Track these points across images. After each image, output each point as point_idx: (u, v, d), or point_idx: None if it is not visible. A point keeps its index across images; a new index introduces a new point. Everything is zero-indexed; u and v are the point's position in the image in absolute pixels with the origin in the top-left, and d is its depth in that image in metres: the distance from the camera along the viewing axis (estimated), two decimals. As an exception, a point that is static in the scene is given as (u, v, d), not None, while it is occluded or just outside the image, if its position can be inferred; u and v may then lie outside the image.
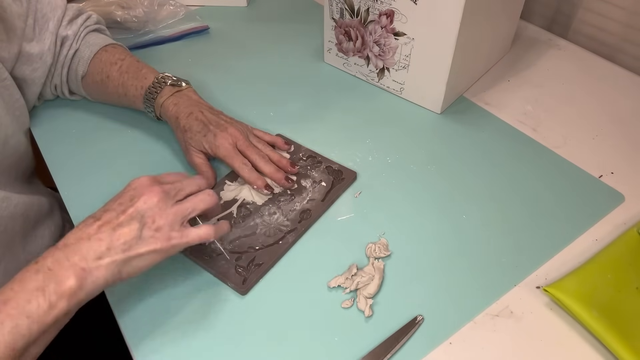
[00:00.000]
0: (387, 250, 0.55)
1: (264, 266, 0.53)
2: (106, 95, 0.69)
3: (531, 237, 0.56)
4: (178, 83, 0.65)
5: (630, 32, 0.78)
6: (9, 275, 0.58)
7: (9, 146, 0.60)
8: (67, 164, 0.66)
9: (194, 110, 0.61)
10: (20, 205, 0.60)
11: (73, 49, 0.67)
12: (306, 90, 0.76)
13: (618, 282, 0.51)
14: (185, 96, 0.64)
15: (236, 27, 0.89)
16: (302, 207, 0.59)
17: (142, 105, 0.65)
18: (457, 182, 0.62)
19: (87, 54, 0.68)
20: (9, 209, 0.58)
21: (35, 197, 0.65)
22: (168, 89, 0.64)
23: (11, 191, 0.59)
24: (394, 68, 0.71)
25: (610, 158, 0.65)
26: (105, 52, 0.68)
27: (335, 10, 0.72)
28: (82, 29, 0.68)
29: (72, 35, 0.67)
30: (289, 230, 0.56)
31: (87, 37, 0.69)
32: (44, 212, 0.67)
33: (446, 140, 0.68)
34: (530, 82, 0.77)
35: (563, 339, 0.48)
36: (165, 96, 0.63)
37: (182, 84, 0.65)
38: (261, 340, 0.48)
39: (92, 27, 0.70)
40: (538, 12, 0.89)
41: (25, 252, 0.63)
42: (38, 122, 0.71)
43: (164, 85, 0.64)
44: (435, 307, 0.50)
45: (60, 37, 0.66)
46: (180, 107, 0.62)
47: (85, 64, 0.68)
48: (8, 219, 0.58)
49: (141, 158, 0.66)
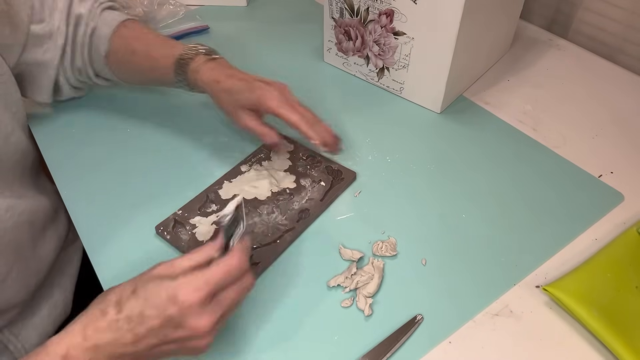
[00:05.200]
0: (395, 250, 0.55)
1: (261, 265, 0.53)
2: (133, 72, 0.67)
3: (531, 236, 0.56)
4: (211, 52, 0.62)
5: (630, 32, 0.78)
6: (19, 283, 0.58)
7: (10, 143, 0.58)
8: (67, 164, 0.66)
9: (234, 72, 0.59)
10: (25, 214, 0.58)
11: (90, 27, 0.65)
12: (306, 90, 0.76)
13: (618, 282, 0.51)
14: (221, 64, 0.61)
15: (236, 27, 0.89)
16: (300, 206, 0.59)
17: (173, 75, 0.62)
18: (457, 182, 0.62)
19: (107, 32, 0.65)
20: (14, 218, 0.56)
21: (41, 200, 0.63)
22: (202, 57, 0.61)
23: (16, 196, 0.58)
24: (394, 67, 0.71)
25: (610, 158, 0.65)
26: (125, 27, 0.66)
27: (335, 9, 0.73)
28: (97, 6, 0.66)
29: (86, 13, 0.64)
30: (287, 229, 0.56)
31: (102, 14, 0.66)
32: (49, 215, 0.65)
33: (446, 139, 0.68)
34: (530, 81, 0.77)
35: (562, 338, 0.48)
36: (199, 63, 0.61)
37: (216, 54, 0.63)
38: (261, 340, 0.48)
39: (106, 3, 0.67)
40: (538, 12, 0.89)
41: (36, 258, 0.61)
42: (38, 122, 0.71)
43: (199, 53, 0.61)
44: (434, 306, 0.50)
45: (74, 15, 0.64)
46: (217, 71, 0.60)
47: (106, 42, 0.65)
48: (13, 228, 0.56)
49: (142, 158, 0.66)
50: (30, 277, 0.60)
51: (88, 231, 0.58)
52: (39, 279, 0.62)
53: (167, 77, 0.63)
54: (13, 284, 0.57)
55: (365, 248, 0.55)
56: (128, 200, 0.61)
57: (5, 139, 0.57)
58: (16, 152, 0.60)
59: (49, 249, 0.64)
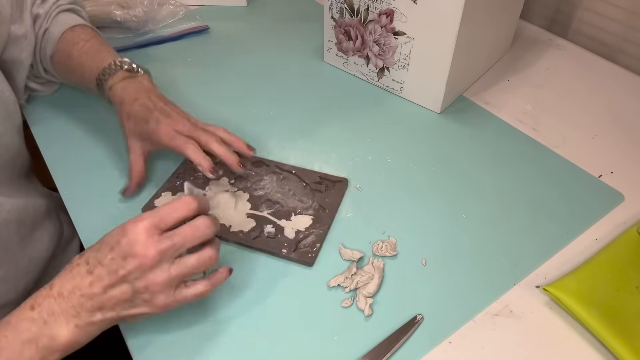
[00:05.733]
0: (395, 250, 0.55)
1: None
2: (68, 75, 0.68)
3: (531, 236, 0.56)
4: (135, 69, 0.61)
5: (630, 32, 0.78)
6: (10, 282, 0.58)
7: (1, 144, 0.58)
8: (66, 164, 0.65)
9: (140, 96, 0.58)
10: (13, 211, 0.58)
11: (43, 27, 0.66)
12: (306, 90, 0.76)
13: (618, 282, 0.51)
14: (137, 82, 0.60)
15: (236, 27, 0.89)
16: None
17: (95, 88, 0.62)
18: (457, 182, 0.62)
19: (56, 33, 0.66)
20: (1, 215, 0.56)
21: (30, 200, 0.63)
22: (121, 73, 0.60)
23: (5, 195, 0.58)
24: (394, 67, 0.71)
25: (610, 157, 0.65)
26: (72, 31, 0.67)
27: (335, 9, 0.72)
28: (54, 8, 0.67)
29: (43, 14, 0.66)
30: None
31: (58, 16, 0.68)
32: (40, 215, 0.65)
33: (446, 139, 0.68)
34: (530, 81, 0.77)
35: (563, 338, 0.48)
36: (116, 80, 0.60)
37: (138, 71, 0.61)
38: (261, 340, 0.48)
39: (64, 6, 0.69)
40: (538, 12, 0.89)
41: (26, 258, 0.61)
42: (38, 122, 0.71)
43: (118, 70, 0.61)
44: (435, 306, 0.50)
45: (32, 15, 0.65)
46: (127, 92, 0.59)
47: (53, 43, 0.66)
48: (0, 225, 0.56)
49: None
50: (19, 277, 0.60)
51: (88, 231, 0.58)
52: (30, 280, 0.62)
53: (92, 88, 0.64)
54: (2, 283, 0.57)
55: (366, 248, 0.55)
56: (128, 200, 0.61)
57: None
58: (6, 153, 0.59)
59: (40, 250, 0.64)
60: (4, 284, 0.57)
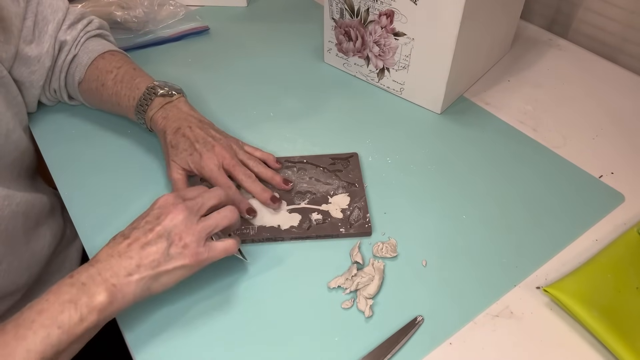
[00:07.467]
0: (395, 251, 0.55)
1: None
2: (101, 103, 0.69)
3: (531, 237, 0.56)
4: (169, 93, 0.63)
5: (630, 32, 0.78)
6: (12, 274, 0.59)
7: (11, 141, 0.60)
8: (67, 164, 0.66)
9: (182, 125, 0.60)
10: (22, 204, 0.60)
11: (72, 54, 0.67)
12: (306, 91, 0.76)
13: (618, 282, 0.51)
14: (175, 108, 0.62)
15: (236, 27, 0.89)
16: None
17: (135, 117, 0.64)
18: (457, 183, 0.62)
19: (85, 60, 0.67)
20: (11, 207, 0.58)
21: (37, 196, 0.64)
22: (158, 100, 0.62)
23: (14, 189, 0.59)
24: (394, 68, 0.71)
25: (610, 158, 0.65)
26: (102, 59, 0.67)
27: (335, 10, 0.72)
28: (82, 35, 0.68)
29: (70, 41, 0.67)
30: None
31: (86, 43, 0.68)
32: (45, 211, 0.67)
33: (446, 140, 0.68)
34: (530, 82, 0.77)
35: (563, 340, 0.48)
36: (155, 109, 0.62)
37: (173, 94, 0.63)
38: (261, 341, 0.48)
39: (92, 32, 0.69)
40: (538, 12, 0.89)
41: (29, 252, 0.63)
42: (38, 123, 0.71)
43: (154, 97, 0.62)
44: (435, 308, 0.50)
45: (59, 41, 0.66)
46: (168, 121, 0.61)
47: (82, 70, 0.67)
48: (9, 217, 0.58)
49: (142, 158, 0.66)
50: (21, 271, 0.61)
51: (88, 231, 0.58)
52: (31, 274, 0.63)
53: (130, 116, 0.66)
54: (4, 274, 0.58)
55: (366, 249, 0.55)
56: (128, 200, 0.61)
57: (6, 136, 0.59)
58: (16, 150, 0.61)
59: (42, 245, 0.66)
60: (6, 275, 0.58)
